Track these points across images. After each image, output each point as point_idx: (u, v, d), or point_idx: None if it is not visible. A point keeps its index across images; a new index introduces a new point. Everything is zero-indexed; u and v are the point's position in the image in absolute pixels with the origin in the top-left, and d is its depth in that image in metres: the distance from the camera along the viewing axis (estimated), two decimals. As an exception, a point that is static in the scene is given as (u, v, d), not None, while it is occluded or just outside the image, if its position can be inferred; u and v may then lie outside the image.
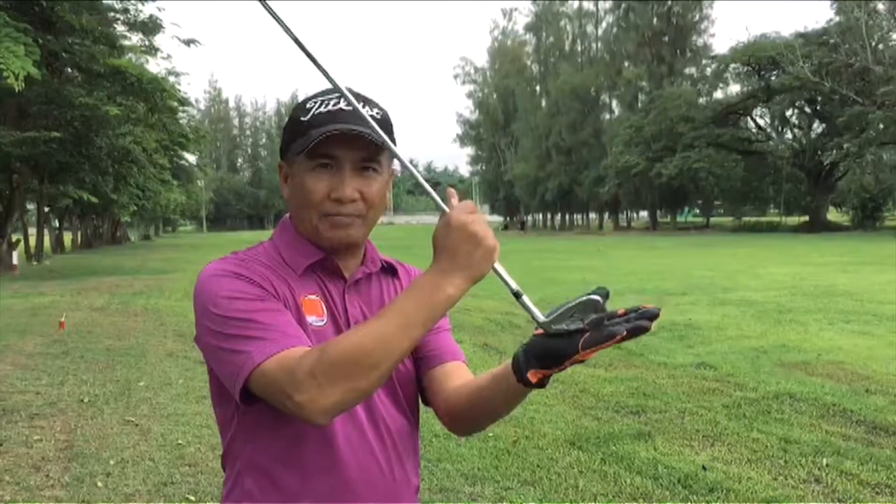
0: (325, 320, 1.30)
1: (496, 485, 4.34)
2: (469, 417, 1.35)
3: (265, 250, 1.36)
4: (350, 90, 1.26)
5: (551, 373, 1.14)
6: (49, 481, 4.46)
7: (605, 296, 1.07)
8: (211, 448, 5.05)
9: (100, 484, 4.41)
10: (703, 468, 4.52)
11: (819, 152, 48.68)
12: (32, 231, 32.44)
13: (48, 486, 4.40)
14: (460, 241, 1.08)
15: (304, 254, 1.33)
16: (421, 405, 1.45)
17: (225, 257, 1.31)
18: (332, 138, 1.23)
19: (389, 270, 1.45)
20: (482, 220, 1.10)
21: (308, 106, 1.30)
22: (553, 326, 1.07)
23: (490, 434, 5.09)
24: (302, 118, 1.29)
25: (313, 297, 1.31)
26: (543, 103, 71.47)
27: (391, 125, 1.32)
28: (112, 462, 4.77)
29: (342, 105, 1.27)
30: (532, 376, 1.15)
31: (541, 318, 1.07)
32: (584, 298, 1.05)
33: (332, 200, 1.27)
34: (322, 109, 1.28)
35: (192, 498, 4.20)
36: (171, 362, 8.18)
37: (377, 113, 1.29)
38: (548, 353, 1.12)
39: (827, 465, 4.53)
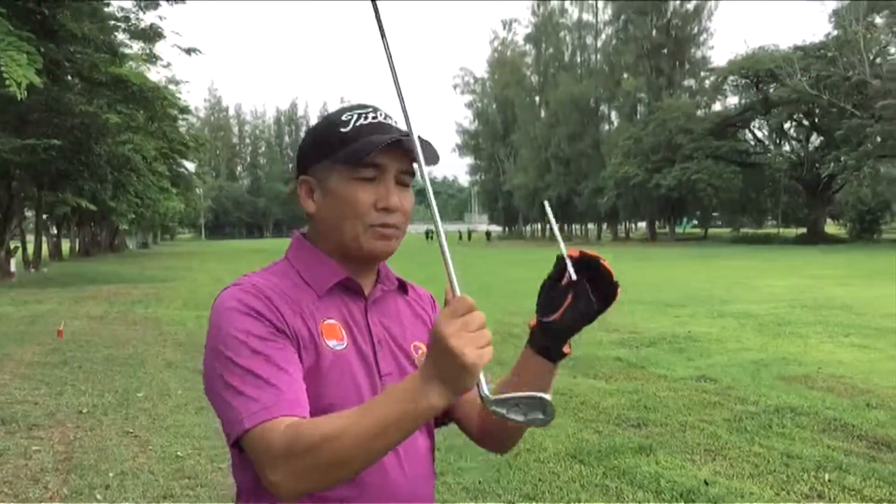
0: (346, 343, 1.29)
1: (498, 498, 4.32)
2: (502, 432, 1.39)
3: (283, 271, 1.33)
4: (379, 108, 1.31)
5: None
6: (48, 493, 4.43)
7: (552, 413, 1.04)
8: (210, 460, 5.03)
9: (99, 496, 4.38)
10: (706, 483, 4.50)
11: (817, 165, 48.86)
12: (30, 238, 32.41)
13: (47, 498, 4.37)
14: (440, 354, 0.99)
15: (326, 273, 1.32)
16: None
17: (242, 283, 1.28)
18: (380, 149, 1.23)
19: (402, 288, 1.45)
20: (473, 322, 0.99)
21: (345, 118, 1.29)
22: (493, 407, 1.03)
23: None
24: (343, 129, 1.28)
25: (332, 321, 1.29)
26: (543, 114, 71.72)
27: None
28: (111, 474, 4.74)
29: (381, 119, 1.29)
30: (566, 349, 1.27)
31: (486, 393, 1.03)
32: (537, 396, 1.02)
33: (380, 210, 1.26)
34: (363, 122, 1.27)
35: (192, 511, 4.17)
36: (170, 372, 8.16)
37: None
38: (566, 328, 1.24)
39: (829, 480, 4.51)
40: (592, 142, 63.78)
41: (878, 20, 43.62)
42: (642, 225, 68.58)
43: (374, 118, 1.28)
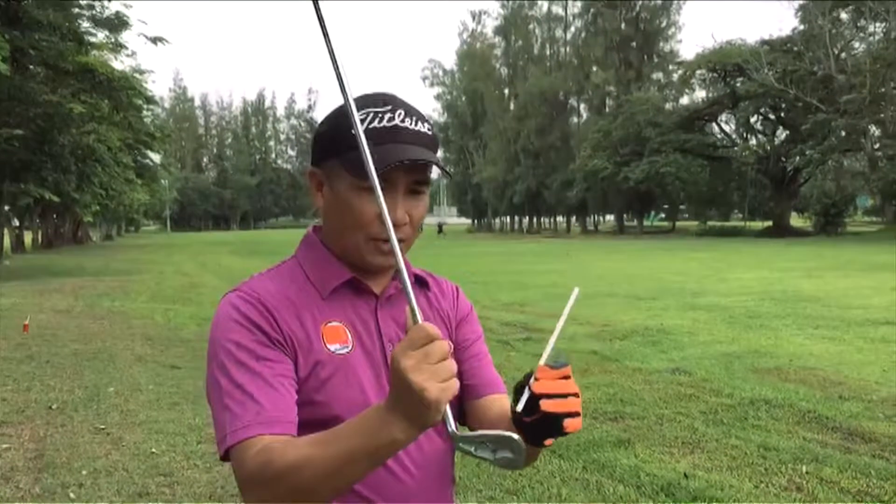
0: (351, 346, 1.24)
1: (479, 494, 4.30)
2: None
3: (291, 270, 1.29)
4: (402, 101, 1.21)
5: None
6: (19, 493, 4.33)
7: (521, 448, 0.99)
8: (186, 457, 4.94)
9: (72, 495, 4.28)
10: (685, 476, 4.52)
11: (783, 158, 49.48)
12: (-9, 230, 31.71)
13: (18, 497, 4.26)
14: (400, 388, 0.93)
15: (331, 274, 1.27)
16: None
17: (242, 289, 1.24)
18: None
19: (421, 283, 1.39)
20: (434, 354, 0.92)
21: (359, 117, 1.18)
22: (461, 444, 1.00)
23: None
24: (353, 131, 1.19)
25: (336, 323, 1.25)
26: (512, 106, 71.77)
27: (438, 141, 1.27)
28: (84, 472, 4.64)
29: (398, 121, 1.20)
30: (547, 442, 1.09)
31: (453, 429, 0.99)
32: (505, 435, 0.98)
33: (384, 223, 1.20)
34: (377, 125, 1.19)
35: (169, 509, 4.10)
36: (140, 367, 8.03)
37: (428, 129, 1.23)
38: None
39: (807, 472, 4.55)
40: (561, 135, 64.03)
41: (844, 15, 44.25)
42: (611, 218, 69.06)
43: (389, 120, 1.19)
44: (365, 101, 1.22)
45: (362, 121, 1.18)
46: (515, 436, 0.97)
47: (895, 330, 9.64)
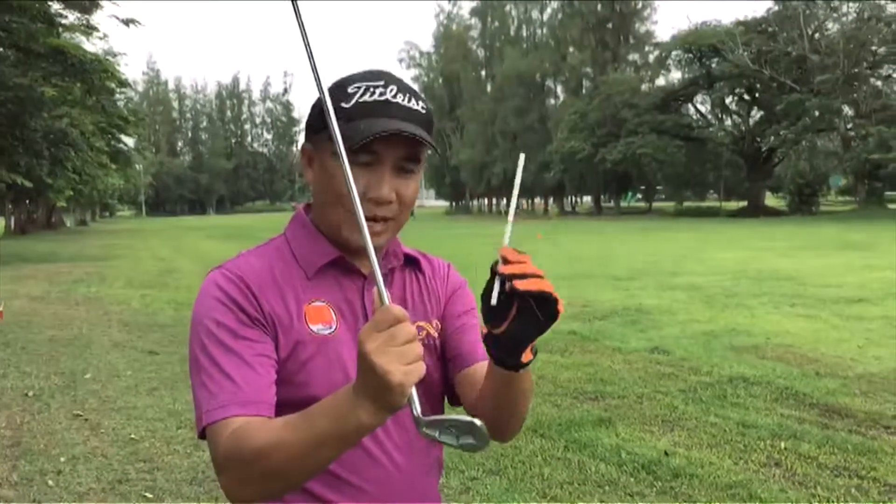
0: (334, 327, 1.22)
1: (461, 475, 4.30)
2: (497, 422, 1.26)
3: (278, 248, 1.27)
4: (398, 79, 1.18)
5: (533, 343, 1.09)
6: (-4, 480, 4.27)
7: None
8: (166, 442, 4.90)
9: (51, 482, 4.24)
10: (666, 454, 4.55)
11: (757, 139, 49.87)
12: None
13: (-5, 485, 4.21)
14: (365, 371, 0.91)
15: (318, 253, 1.25)
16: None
17: (227, 266, 1.22)
18: (375, 137, 1.13)
19: (412, 263, 1.37)
20: (399, 336, 0.91)
21: (350, 91, 1.18)
22: (424, 429, 0.97)
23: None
24: (343, 104, 1.16)
25: (320, 303, 1.23)
26: (489, 88, 71.62)
27: (433, 121, 1.24)
28: (62, 459, 4.59)
29: (389, 96, 1.17)
30: (525, 357, 1.10)
31: (417, 413, 0.96)
32: (468, 420, 0.96)
33: (368, 201, 1.17)
34: (367, 98, 1.16)
35: (150, 496, 4.06)
36: (117, 353, 7.95)
37: (423, 108, 1.20)
38: (514, 339, 1.06)
39: (785, 448, 4.60)
40: (539, 116, 64.03)
41: (817, -4, 44.56)
42: (588, 199, 69.30)
43: (380, 94, 1.17)
44: (361, 77, 1.20)
45: (352, 96, 1.17)
46: (478, 421, 0.95)
47: (869, 307, 9.78)
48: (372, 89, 1.17)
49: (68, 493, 4.10)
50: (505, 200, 74.43)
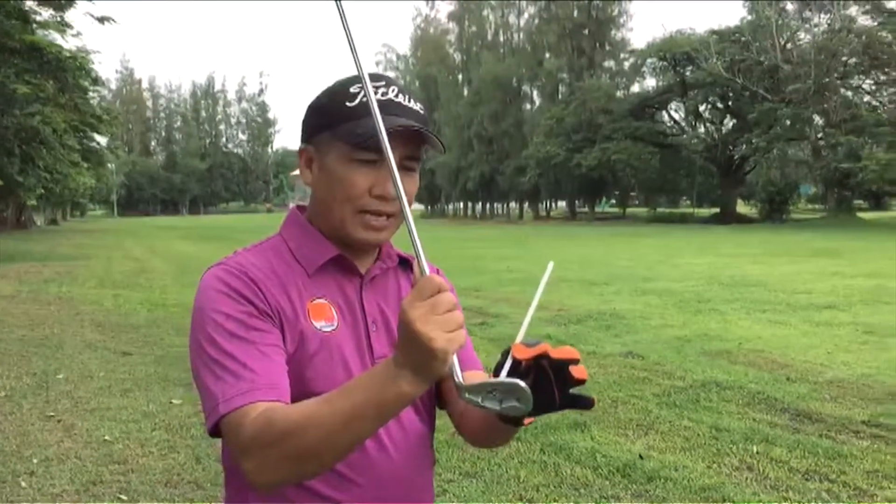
0: (336, 324, 1.24)
1: (438, 478, 4.31)
2: (482, 437, 1.32)
3: (275, 247, 1.29)
4: (396, 80, 1.22)
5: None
6: (-33, 482, 4.22)
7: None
8: (140, 444, 4.87)
9: (24, 484, 4.20)
10: (640, 457, 4.61)
11: (730, 147, 50.34)
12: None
13: (-33, 486, 4.16)
14: (407, 340, 0.94)
15: (316, 251, 1.27)
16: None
17: (227, 262, 1.23)
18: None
19: (405, 265, 1.39)
20: (441, 304, 0.93)
21: (353, 91, 1.21)
22: (467, 394, 0.98)
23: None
24: (348, 103, 1.21)
25: (322, 300, 1.25)
26: (466, 92, 71.71)
27: (428, 121, 1.28)
28: (35, 460, 4.55)
29: (391, 95, 1.21)
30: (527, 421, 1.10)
31: (459, 380, 0.97)
32: (511, 382, 0.96)
33: (374, 197, 1.20)
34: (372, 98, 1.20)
35: (124, 497, 4.04)
36: (90, 353, 7.87)
37: (421, 108, 1.24)
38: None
39: (757, 452, 4.68)
40: (515, 121, 64.17)
41: (790, 6, 45.23)
42: (563, 204, 69.55)
43: (383, 94, 1.21)
44: (358, 79, 1.20)
45: (356, 95, 1.21)
46: (522, 383, 0.95)
47: (838, 314, 9.94)
48: (374, 90, 1.20)
49: (41, 495, 4.07)
50: (481, 205, 74.69)
